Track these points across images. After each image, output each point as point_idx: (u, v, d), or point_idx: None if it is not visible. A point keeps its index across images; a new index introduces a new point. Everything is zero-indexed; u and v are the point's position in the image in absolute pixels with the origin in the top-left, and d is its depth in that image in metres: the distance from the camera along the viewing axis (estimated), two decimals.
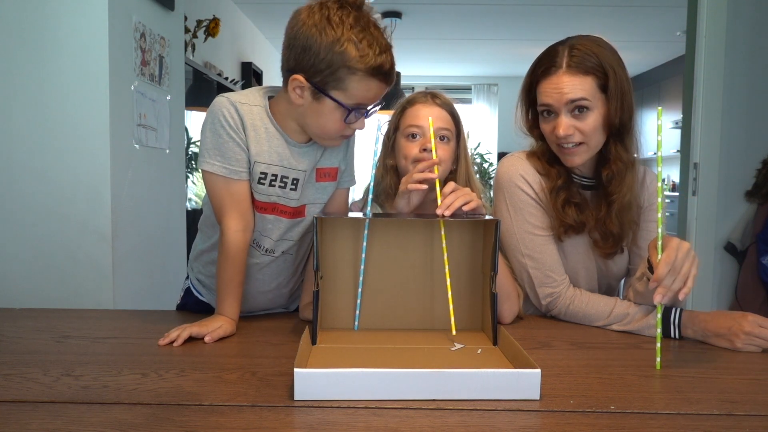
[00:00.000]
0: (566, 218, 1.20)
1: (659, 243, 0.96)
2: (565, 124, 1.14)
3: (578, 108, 1.14)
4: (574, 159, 1.18)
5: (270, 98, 1.14)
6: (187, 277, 1.34)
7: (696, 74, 2.46)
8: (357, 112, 1.06)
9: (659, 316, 0.96)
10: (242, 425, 0.70)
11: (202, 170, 1.11)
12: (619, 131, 1.17)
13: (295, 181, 1.13)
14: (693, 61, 2.48)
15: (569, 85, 1.13)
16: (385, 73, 1.03)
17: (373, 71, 1.01)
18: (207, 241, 1.24)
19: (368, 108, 1.08)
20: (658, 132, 0.90)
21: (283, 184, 1.13)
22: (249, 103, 1.10)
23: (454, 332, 1.04)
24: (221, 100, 1.09)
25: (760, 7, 2.45)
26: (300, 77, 1.03)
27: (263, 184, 1.12)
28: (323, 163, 1.18)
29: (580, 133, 1.15)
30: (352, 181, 1.28)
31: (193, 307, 1.30)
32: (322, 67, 1.00)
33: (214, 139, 1.09)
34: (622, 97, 1.14)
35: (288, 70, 1.05)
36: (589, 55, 1.13)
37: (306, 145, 1.14)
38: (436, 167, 1.13)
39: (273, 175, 1.12)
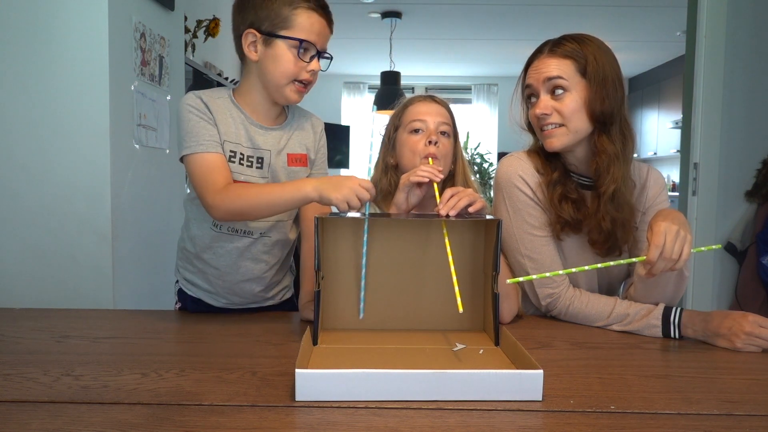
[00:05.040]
0: (562, 213, 1.20)
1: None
2: (542, 102, 1.19)
3: (555, 88, 1.18)
4: (553, 141, 1.19)
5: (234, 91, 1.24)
6: (176, 282, 1.38)
7: (696, 74, 2.46)
8: (307, 48, 1.14)
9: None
10: (242, 425, 0.70)
11: (183, 159, 1.16)
12: (604, 122, 1.17)
13: (260, 160, 1.20)
14: (693, 61, 2.48)
15: (547, 66, 1.18)
16: (323, 6, 1.16)
17: (311, 4, 1.14)
18: (186, 239, 1.31)
19: (318, 50, 1.16)
20: None
21: (250, 163, 1.19)
22: (213, 96, 1.19)
23: (461, 310, 0.94)
24: (185, 95, 1.19)
25: (760, 7, 2.44)
26: (251, 30, 1.15)
27: (233, 162, 1.18)
28: (293, 148, 1.25)
29: (558, 113, 1.18)
30: (325, 174, 1.34)
31: (191, 306, 1.33)
32: (268, 13, 1.13)
33: (184, 126, 1.15)
34: (603, 84, 1.16)
35: (239, 35, 1.16)
36: (571, 43, 1.19)
37: (271, 128, 1.23)
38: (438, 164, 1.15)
39: (241, 154, 1.18)
